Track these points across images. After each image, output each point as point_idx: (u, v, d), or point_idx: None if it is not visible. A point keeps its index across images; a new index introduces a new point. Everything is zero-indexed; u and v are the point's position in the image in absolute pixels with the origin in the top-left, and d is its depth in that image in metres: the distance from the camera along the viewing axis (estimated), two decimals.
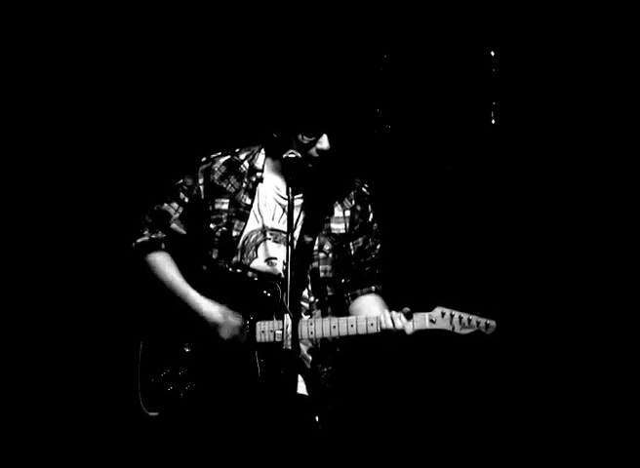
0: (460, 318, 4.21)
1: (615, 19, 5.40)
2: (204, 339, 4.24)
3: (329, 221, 4.35)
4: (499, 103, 5.52)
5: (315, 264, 4.31)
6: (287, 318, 3.88)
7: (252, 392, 4.20)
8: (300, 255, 4.19)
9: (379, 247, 4.44)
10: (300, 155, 4.12)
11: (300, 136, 4.17)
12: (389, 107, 5.59)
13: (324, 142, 4.17)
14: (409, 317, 4.19)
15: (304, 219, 4.30)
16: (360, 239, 4.40)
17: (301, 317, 4.23)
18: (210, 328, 4.22)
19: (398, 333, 4.19)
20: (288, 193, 4.03)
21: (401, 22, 5.54)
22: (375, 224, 4.43)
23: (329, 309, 4.34)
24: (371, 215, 4.42)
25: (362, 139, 5.48)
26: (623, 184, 5.45)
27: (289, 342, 3.86)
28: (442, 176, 5.58)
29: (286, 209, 4.29)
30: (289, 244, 3.93)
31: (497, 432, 5.56)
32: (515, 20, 5.50)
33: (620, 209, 5.45)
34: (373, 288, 4.41)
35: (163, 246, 4.33)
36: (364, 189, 4.42)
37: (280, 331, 3.98)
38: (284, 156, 4.12)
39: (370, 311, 4.29)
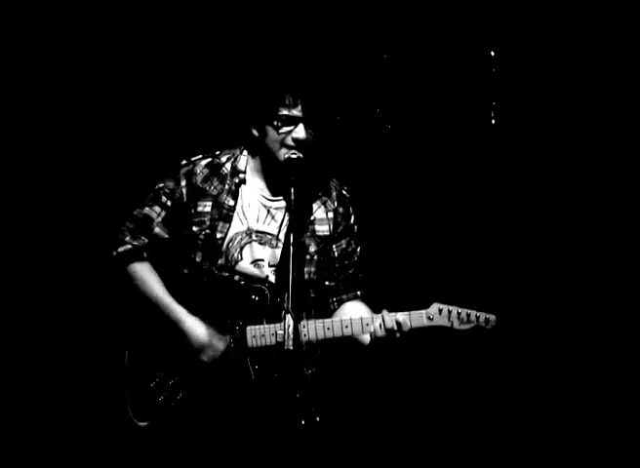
0: (459, 313, 4.16)
1: (615, 19, 5.42)
2: (187, 355, 4.20)
3: (313, 223, 4.34)
4: (499, 103, 5.53)
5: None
6: (288, 318, 3.86)
7: (246, 397, 4.16)
8: (286, 257, 4.10)
9: (359, 249, 4.43)
10: (301, 155, 4.13)
11: (275, 123, 4.12)
12: (389, 107, 5.59)
13: (300, 131, 4.13)
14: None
15: (289, 221, 4.24)
16: (343, 241, 4.40)
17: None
18: (193, 348, 4.18)
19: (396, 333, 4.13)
20: (289, 194, 4.05)
21: (400, 23, 5.56)
22: (355, 227, 4.43)
23: (312, 311, 4.33)
24: (352, 218, 4.42)
25: (353, 139, 5.50)
26: (622, 182, 5.46)
27: (290, 342, 3.84)
28: (440, 174, 5.59)
29: (270, 210, 4.31)
30: (291, 245, 3.96)
31: (493, 428, 5.53)
32: (515, 20, 5.50)
33: (617, 204, 5.46)
34: (358, 293, 4.41)
35: (145, 255, 4.29)
36: (344, 191, 4.42)
37: (282, 332, 3.93)
38: (286, 156, 4.13)
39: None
